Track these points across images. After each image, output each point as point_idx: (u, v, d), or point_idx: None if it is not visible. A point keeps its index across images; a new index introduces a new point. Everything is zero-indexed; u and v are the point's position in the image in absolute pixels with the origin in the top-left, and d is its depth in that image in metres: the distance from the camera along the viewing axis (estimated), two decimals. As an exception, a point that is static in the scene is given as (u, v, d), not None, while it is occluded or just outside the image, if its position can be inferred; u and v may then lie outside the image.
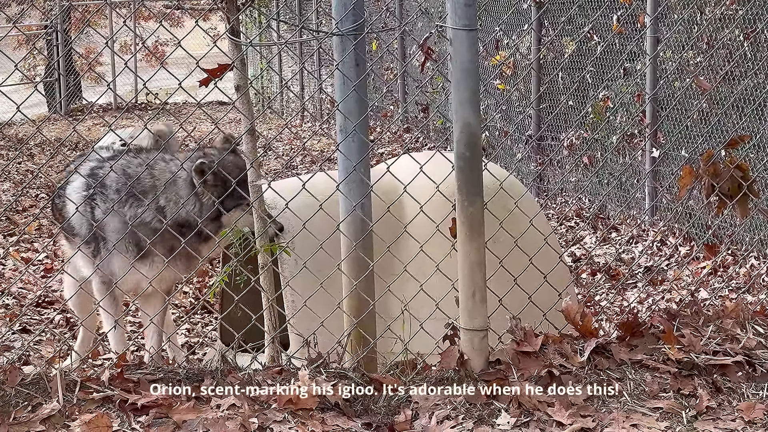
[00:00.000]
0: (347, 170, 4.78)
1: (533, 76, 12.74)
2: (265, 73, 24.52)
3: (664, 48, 10.37)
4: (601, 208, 11.57)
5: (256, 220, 4.90)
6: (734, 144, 5.43)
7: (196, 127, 18.79)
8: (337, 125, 4.84)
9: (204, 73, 4.58)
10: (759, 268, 8.35)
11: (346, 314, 4.87)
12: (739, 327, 5.05)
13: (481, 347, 4.67)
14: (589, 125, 11.58)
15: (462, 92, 4.57)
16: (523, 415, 4.40)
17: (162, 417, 4.24)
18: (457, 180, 4.64)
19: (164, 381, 4.47)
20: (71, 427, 4.12)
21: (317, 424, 4.25)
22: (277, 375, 4.61)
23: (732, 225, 9.13)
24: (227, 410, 4.25)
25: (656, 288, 8.35)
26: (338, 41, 4.76)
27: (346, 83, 4.77)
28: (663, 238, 9.96)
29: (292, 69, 23.28)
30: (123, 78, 28.60)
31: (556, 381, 4.59)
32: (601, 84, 11.23)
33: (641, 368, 4.74)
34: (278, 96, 24.07)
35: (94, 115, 23.00)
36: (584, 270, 9.14)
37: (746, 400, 4.57)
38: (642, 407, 4.49)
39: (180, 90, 4.90)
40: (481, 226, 4.64)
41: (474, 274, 4.64)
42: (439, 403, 4.44)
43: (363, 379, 4.57)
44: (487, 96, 13.84)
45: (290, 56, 23.10)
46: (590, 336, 4.91)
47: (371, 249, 4.86)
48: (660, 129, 10.48)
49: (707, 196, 5.29)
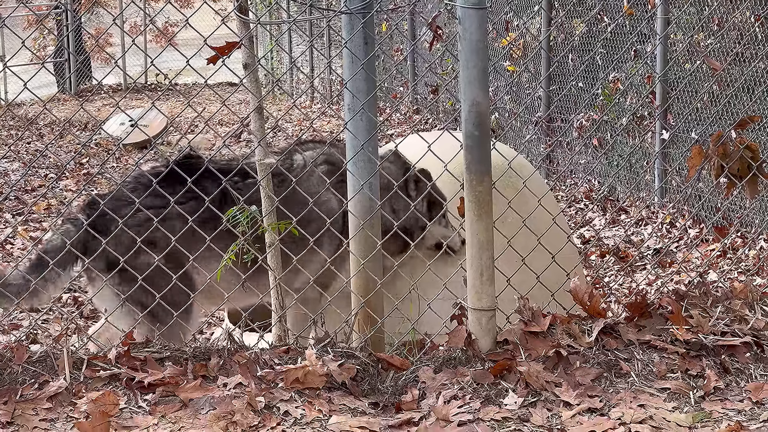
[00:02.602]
0: (355, 149, 4.77)
1: (543, 57, 12.71)
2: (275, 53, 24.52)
3: (674, 29, 10.34)
4: (610, 189, 11.54)
5: (264, 199, 4.89)
6: (744, 124, 5.41)
7: (205, 108, 18.81)
8: (345, 104, 4.83)
9: (212, 51, 4.57)
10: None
11: (353, 293, 4.86)
12: (748, 308, 5.03)
13: (488, 327, 4.66)
14: (599, 107, 11.55)
15: (471, 71, 4.56)
16: (531, 395, 4.39)
17: (169, 395, 4.24)
18: (465, 159, 4.62)
19: (171, 359, 4.47)
20: (78, 405, 4.12)
21: (324, 403, 4.25)
22: (284, 354, 4.61)
23: (742, 207, 9.10)
24: (234, 389, 4.25)
25: (665, 270, 8.34)
26: (347, 20, 4.75)
27: (355, 62, 4.76)
28: (672, 220, 9.94)
29: (302, 50, 23.25)
30: (133, 59, 28.63)
31: (563, 361, 4.59)
32: (611, 65, 11.19)
33: (649, 349, 4.73)
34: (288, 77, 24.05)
35: (104, 95, 23.05)
36: (593, 252, 9.12)
37: (754, 380, 4.56)
38: (650, 387, 4.48)
39: (191, 71, 4.89)
40: (489, 205, 4.62)
41: (482, 253, 4.63)
42: (447, 383, 4.44)
43: (370, 359, 4.57)
44: (497, 77, 13.81)
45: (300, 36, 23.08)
46: (598, 316, 4.90)
47: (379, 228, 4.85)
48: (670, 111, 10.46)
49: (716, 176, 5.27)
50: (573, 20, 12.30)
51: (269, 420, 4.10)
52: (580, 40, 12.05)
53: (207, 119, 7.02)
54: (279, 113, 16.87)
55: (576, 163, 12.49)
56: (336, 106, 17.26)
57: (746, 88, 9.05)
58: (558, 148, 12.69)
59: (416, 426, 4.13)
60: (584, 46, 12.03)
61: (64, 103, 22.57)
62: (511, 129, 13.53)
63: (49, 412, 4.11)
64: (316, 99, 21.50)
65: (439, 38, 5.59)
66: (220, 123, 18.26)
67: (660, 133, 10.42)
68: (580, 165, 12.37)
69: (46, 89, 23.83)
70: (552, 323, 4.77)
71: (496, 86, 13.78)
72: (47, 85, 24.54)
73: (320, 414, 4.18)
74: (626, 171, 11.36)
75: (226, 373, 4.39)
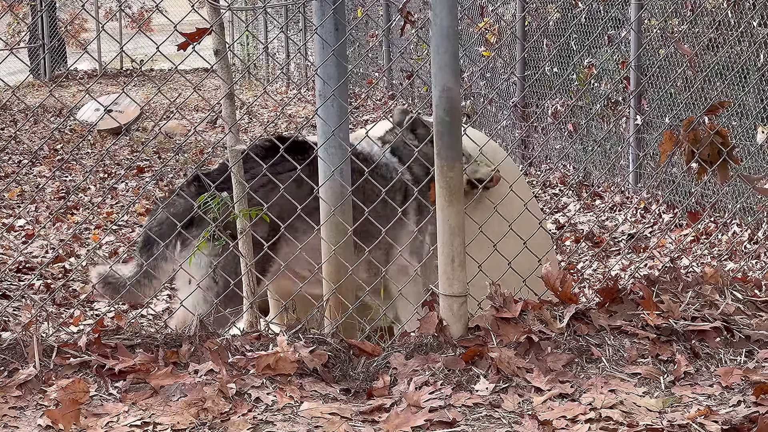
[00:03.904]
0: (326, 135, 4.76)
1: (518, 43, 12.72)
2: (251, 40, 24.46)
3: (648, 15, 10.35)
4: (585, 175, 11.57)
5: (235, 185, 4.88)
6: (715, 110, 5.41)
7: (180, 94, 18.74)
8: (316, 90, 4.82)
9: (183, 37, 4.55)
10: (740, 236, 8.36)
11: (324, 280, 4.86)
12: (718, 293, 5.05)
13: (460, 313, 4.66)
14: (574, 92, 11.57)
15: (441, 56, 4.54)
16: (502, 381, 4.39)
17: (139, 382, 4.23)
18: (436, 145, 4.62)
19: (142, 346, 4.46)
20: (48, 392, 4.10)
21: (295, 390, 4.25)
22: (256, 341, 4.60)
23: (715, 192, 9.13)
24: (205, 376, 4.24)
25: (639, 255, 8.36)
26: (317, 5, 4.74)
27: (326, 48, 4.75)
28: (646, 206, 9.97)
29: (279, 38, 23.21)
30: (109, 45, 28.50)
31: (535, 347, 4.59)
32: (586, 51, 11.21)
33: (620, 334, 4.74)
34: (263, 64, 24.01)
35: (79, 81, 22.94)
36: (567, 237, 9.14)
37: (724, 365, 4.57)
38: (620, 373, 4.49)
39: (168, 57, 4.86)
40: (461, 190, 4.62)
41: (453, 239, 4.62)
42: (418, 369, 4.43)
43: (342, 345, 4.56)
44: (471, 63, 13.81)
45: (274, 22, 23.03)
46: (570, 302, 4.91)
47: (350, 214, 4.85)
48: (644, 96, 10.48)
49: (687, 161, 5.28)
50: (547, 6, 12.30)
51: (240, 407, 4.09)
52: (554, 25, 12.06)
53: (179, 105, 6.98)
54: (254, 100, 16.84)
55: (551, 149, 12.51)
56: (311, 92, 17.22)
57: (719, 73, 9.07)
58: (533, 134, 12.70)
59: (387, 412, 4.13)
60: (558, 32, 12.04)
61: (39, 89, 22.47)
62: (485, 114, 13.54)
63: (19, 399, 4.09)
64: (291, 85, 21.45)
65: (411, 24, 5.59)
66: (195, 109, 18.21)
67: (634, 119, 10.45)
68: (555, 150, 12.39)
69: (21, 75, 23.70)
70: (524, 309, 4.77)
71: (471, 71, 13.78)
72: (22, 71, 24.40)
73: (291, 400, 4.17)
74: (601, 156, 11.38)
75: (198, 359, 4.38)
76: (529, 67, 12.67)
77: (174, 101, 5.98)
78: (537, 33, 12.52)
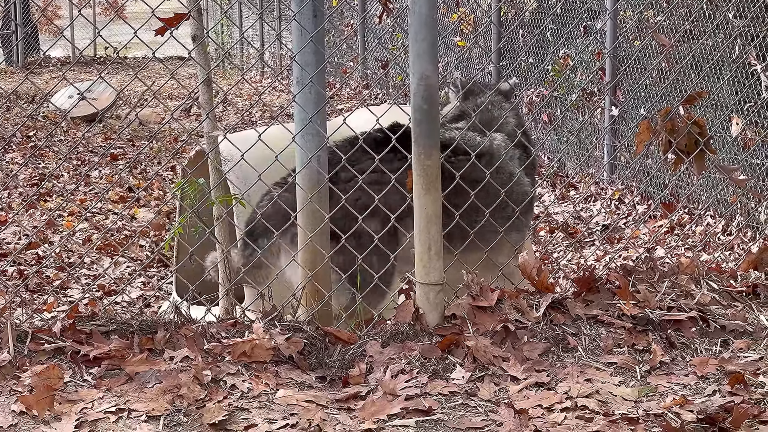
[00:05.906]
0: (303, 122, 4.75)
1: (493, 32, 12.71)
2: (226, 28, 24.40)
3: (624, 6, 10.36)
4: (560, 165, 11.58)
5: (211, 171, 4.86)
6: (692, 100, 5.42)
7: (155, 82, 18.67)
8: (294, 77, 4.80)
9: (161, 23, 4.52)
10: (715, 227, 8.38)
11: (300, 267, 4.84)
12: (694, 283, 5.06)
13: (436, 302, 4.65)
14: (549, 82, 11.57)
15: (420, 44, 4.53)
16: (478, 370, 4.39)
17: (114, 369, 4.21)
18: (413, 132, 4.61)
19: (117, 333, 4.43)
20: (21, 379, 4.08)
21: (271, 377, 4.23)
22: (231, 327, 4.58)
23: (689, 184, 9.15)
24: (180, 362, 4.22)
25: (613, 246, 8.37)
26: (296, -8, 4.72)
27: (304, 34, 4.73)
28: (621, 197, 9.99)
29: (254, 27, 23.15)
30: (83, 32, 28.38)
31: (511, 336, 4.59)
32: (562, 41, 11.21)
33: (596, 323, 4.75)
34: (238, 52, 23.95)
35: (52, 68, 22.82)
36: (542, 227, 9.15)
37: (699, 355, 4.58)
38: (596, 362, 4.49)
39: (141, 44, 4.84)
40: (438, 179, 4.61)
41: (430, 227, 4.62)
42: (394, 357, 4.43)
43: (318, 333, 4.55)
44: (447, 53, 13.80)
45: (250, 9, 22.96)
46: (547, 291, 4.91)
47: (327, 201, 4.84)
48: (619, 87, 10.49)
49: (664, 152, 5.28)
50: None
51: (216, 393, 4.08)
52: (530, 15, 12.06)
53: (154, 92, 6.94)
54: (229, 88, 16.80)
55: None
56: (286, 81, 17.19)
57: (694, 65, 9.09)
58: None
59: (363, 400, 4.12)
60: (535, 22, 12.04)
61: (11, 75, 22.35)
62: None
63: (-8, 385, 4.06)
64: (266, 73, 21.40)
65: (389, 12, 5.57)
66: (170, 97, 18.14)
67: (609, 109, 10.46)
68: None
69: (-5, 61, 23.59)
70: (500, 298, 4.77)
71: (447, 61, 13.77)
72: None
73: (267, 387, 4.16)
74: (576, 147, 11.40)
75: (173, 346, 4.36)
76: (504, 57, 12.67)
77: (149, 87, 5.94)
78: (513, 23, 12.52)
